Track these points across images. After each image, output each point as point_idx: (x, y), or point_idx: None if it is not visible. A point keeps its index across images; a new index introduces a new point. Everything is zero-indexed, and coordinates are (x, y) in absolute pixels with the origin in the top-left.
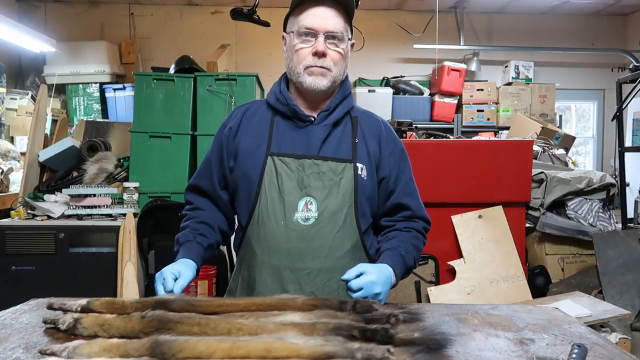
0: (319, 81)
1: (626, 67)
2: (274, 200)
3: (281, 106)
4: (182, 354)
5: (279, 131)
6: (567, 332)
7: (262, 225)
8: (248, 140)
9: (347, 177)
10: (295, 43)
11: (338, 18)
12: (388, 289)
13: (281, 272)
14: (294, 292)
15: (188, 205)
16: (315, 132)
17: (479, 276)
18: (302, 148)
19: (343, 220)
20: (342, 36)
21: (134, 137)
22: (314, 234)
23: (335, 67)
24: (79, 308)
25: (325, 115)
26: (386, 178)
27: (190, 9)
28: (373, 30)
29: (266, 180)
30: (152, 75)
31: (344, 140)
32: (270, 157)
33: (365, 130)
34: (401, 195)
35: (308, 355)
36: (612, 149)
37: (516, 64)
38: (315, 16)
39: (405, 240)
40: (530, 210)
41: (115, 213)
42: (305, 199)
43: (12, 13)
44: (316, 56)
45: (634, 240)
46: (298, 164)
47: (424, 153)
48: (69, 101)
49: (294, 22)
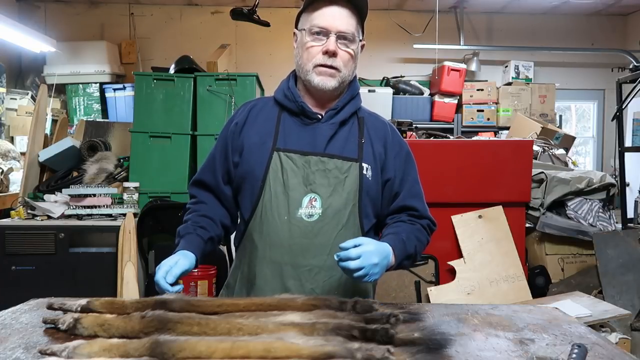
0: (327, 81)
1: (626, 67)
2: (278, 196)
3: (289, 102)
4: (182, 354)
5: (285, 127)
6: (567, 332)
7: (265, 220)
8: (254, 136)
9: (352, 176)
10: (307, 41)
11: (350, 19)
12: (385, 264)
13: (282, 268)
14: (294, 288)
15: (192, 199)
16: (321, 129)
17: (479, 276)
18: (308, 145)
19: (346, 219)
20: (354, 37)
21: (134, 137)
22: (317, 230)
23: (344, 67)
24: (79, 308)
25: (332, 113)
26: (391, 180)
27: (190, 9)
28: (373, 30)
29: (271, 175)
30: (152, 75)
31: (350, 140)
32: (276, 152)
33: (371, 132)
34: (407, 197)
35: (308, 355)
36: (612, 149)
37: (516, 64)
38: (328, 15)
39: (408, 229)
40: (530, 210)
41: (115, 213)
42: (309, 195)
43: (12, 13)
44: (326, 55)
45: (634, 240)
46: (304, 160)
47: (424, 153)
48: (69, 101)
49: (306, 19)
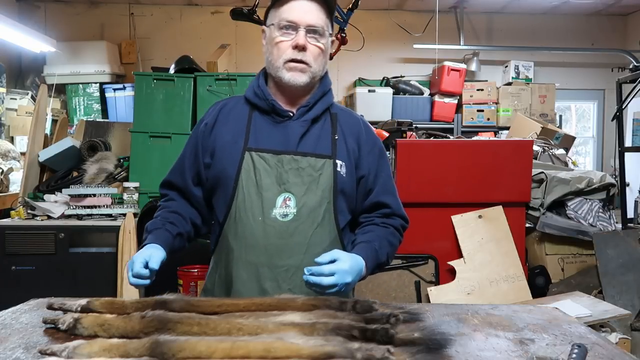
0: (298, 77)
1: (626, 67)
2: (251, 196)
3: (259, 101)
4: (182, 354)
5: (256, 126)
6: (567, 332)
7: (239, 222)
8: (225, 136)
9: (326, 173)
10: (275, 36)
11: (319, 12)
12: (357, 280)
13: (259, 270)
14: (272, 290)
15: (162, 197)
16: (293, 127)
17: (479, 276)
18: (280, 143)
19: (322, 217)
20: (323, 31)
21: (134, 137)
22: (292, 230)
23: (315, 62)
24: (79, 308)
25: (304, 110)
26: (365, 176)
27: (190, 9)
28: (373, 30)
29: (243, 176)
30: (152, 75)
31: (323, 137)
32: (247, 152)
33: (344, 128)
34: (380, 194)
35: (308, 355)
36: (612, 149)
37: (516, 64)
38: (297, 9)
39: (381, 235)
40: (530, 210)
41: (115, 213)
42: (283, 195)
43: (12, 13)
44: (296, 49)
45: (634, 240)
46: (277, 159)
47: (424, 153)
48: (69, 101)
49: (274, 15)
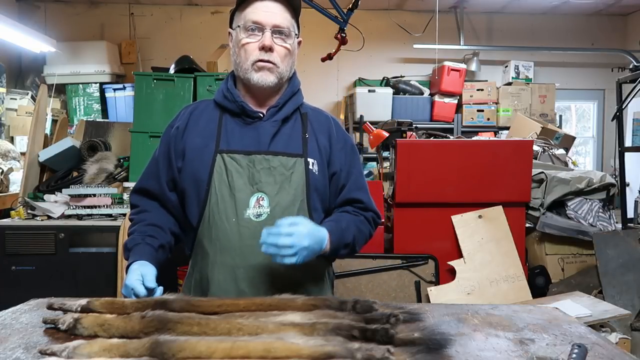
0: (267, 77)
1: (626, 67)
2: (224, 198)
3: (229, 103)
4: (182, 354)
5: (227, 129)
6: (567, 332)
7: (213, 224)
8: (196, 140)
9: (298, 171)
10: (242, 38)
11: (285, 13)
12: (317, 250)
13: (235, 271)
14: (249, 291)
15: (134, 209)
16: (264, 128)
17: (479, 276)
18: (252, 144)
19: (295, 215)
20: (289, 32)
21: (134, 137)
22: None
23: (281, 62)
24: (79, 308)
25: (274, 111)
26: (337, 173)
27: (190, 9)
28: (373, 30)
29: (216, 178)
30: (152, 75)
31: (293, 136)
32: (219, 154)
33: (315, 126)
34: (352, 190)
35: (308, 355)
36: (612, 149)
37: (516, 64)
38: (262, 10)
39: (349, 219)
40: (530, 210)
41: (115, 213)
42: (256, 195)
43: (12, 13)
44: (263, 50)
45: (634, 240)
46: (248, 160)
47: (424, 153)
48: (69, 101)
49: (240, 16)
